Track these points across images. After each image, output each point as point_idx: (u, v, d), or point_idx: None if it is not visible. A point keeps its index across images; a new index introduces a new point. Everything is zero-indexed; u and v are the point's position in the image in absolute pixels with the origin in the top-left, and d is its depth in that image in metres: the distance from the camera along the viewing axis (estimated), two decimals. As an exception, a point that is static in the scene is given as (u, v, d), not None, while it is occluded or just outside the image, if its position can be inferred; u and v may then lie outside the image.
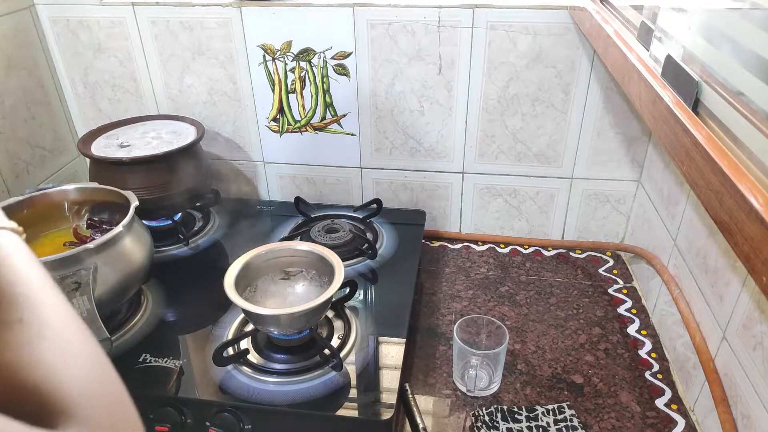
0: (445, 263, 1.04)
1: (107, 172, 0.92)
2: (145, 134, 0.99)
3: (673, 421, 0.72)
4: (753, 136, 0.35)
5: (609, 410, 0.74)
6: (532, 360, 0.82)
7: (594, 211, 1.06)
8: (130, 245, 0.77)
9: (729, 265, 0.67)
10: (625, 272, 1.01)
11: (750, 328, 0.62)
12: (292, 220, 1.06)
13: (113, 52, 1.05)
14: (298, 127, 1.07)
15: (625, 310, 0.91)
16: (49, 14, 1.03)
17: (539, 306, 0.92)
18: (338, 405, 0.68)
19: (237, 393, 0.69)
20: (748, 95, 0.36)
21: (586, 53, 0.91)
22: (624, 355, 0.82)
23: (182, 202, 0.98)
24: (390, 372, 0.73)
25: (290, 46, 0.98)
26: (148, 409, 0.68)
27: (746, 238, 0.31)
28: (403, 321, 0.81)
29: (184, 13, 0.99)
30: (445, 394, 0.77)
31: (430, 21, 0.92)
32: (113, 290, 0.74)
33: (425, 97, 0.99)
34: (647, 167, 0.97)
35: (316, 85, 1.01)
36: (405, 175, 1.08)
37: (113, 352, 0.75)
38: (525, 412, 0.72)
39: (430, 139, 1.03)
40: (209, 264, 0.96)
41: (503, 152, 1.02)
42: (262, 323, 0.73)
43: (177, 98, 1.08)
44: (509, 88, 0.96)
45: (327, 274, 0.77)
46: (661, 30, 0.53)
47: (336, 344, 0.76)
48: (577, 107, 0.96)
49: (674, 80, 0.46)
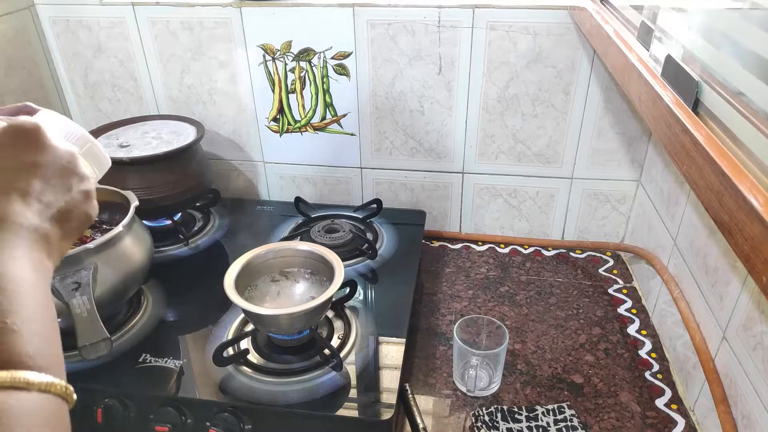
0: (445, 263, 1.04)
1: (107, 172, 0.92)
2: (145, 134, 0.99)
3: (673, 421, 0.72)
4: (753, 136, 0.35)
5: (609, 410, 0.74)
6: (532, 360, 0.82)
7: (594, 211, 1.06)
8: (130, 245, 0.77)
9: (729, 265, 0.67)
10: (625, 272, 1.01)
11: (750, 328, 0.62)
12: (292, 220, 1.06)
13: (113, 52, 1.05)
14: (298, 127, 1.07)
15: (625, 310, 0.91)
16: (49, 14, 1.03)
17: (539, 306, 0.92)
18: (338, 405, 0.68)
19: (237, 393, 0.69)
20: (748, 95, 0.36)
21: (586, 53, 0.91)
22: (624, 355, 0.83)
23: (182, 202, 0.98)
24: (390, 372, 0.73)
25: (290, 46, 0.98)
26: (148, 409, 0.68)
27: (746, 238, 0.31)
28: (403, 321, 0.81)
29: (184, 13, 0.99)
30: (445, 394, 0.77)
31: (430, 21, 0.92)
32: (113, 290, 0.74)
33: (425, 97, 0.99)
34: (647, 167, 0.97)
35: (316, 85, 1.01)
36: (405, 175, 1.08)
37: (113, 352, 0.75)
38: (525, 412, 0.72)
39: (430, 139, 1.03)
40: (209, 264, 0.96)
41: (503, 152, 1.02)
42: (262, 323, 0.73)
43: (177, 98, 1.08)
44: (509, 88, 0.96)
45: (327, 274, 0.77)
46: (661, 30, 0.53)
47: (336, 344, 0.76)
48: (577, 107, 0.96)
49: (674, 80, 0.46)
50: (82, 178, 0.41)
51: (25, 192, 0.36)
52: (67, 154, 0.40)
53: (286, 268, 0.81)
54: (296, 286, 0.80)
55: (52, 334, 0.34)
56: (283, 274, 0.81)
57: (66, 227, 0.39)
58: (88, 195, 0.42)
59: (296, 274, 0.81)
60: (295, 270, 0.81)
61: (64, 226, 0.39)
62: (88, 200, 0.42)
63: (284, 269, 0.81)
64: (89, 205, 0.42)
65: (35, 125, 0.38)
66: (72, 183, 0.40)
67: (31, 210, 0.36)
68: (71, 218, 0.40)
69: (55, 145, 0.39)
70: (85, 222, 0.42)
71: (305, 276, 0.81)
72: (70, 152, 0.41)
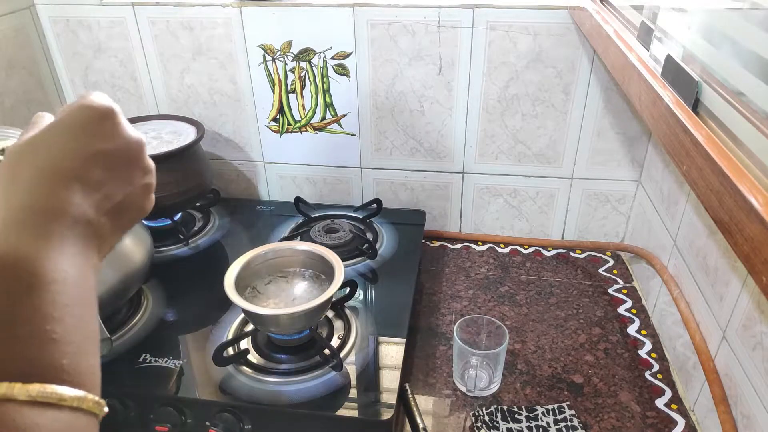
0: (445, 263, 1.04)
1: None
2: (144, 134, 0.99)
3: (673, 421, 0.72)
4: (753, 136, 0.35)
5: (609, 410, 0.74)
6: (532, 360, 0.82)
7: (594, 211, 1.06)
8: (130, 245, 0.77)
9: (729, 265, 0.67)
10: (625, 272, 1.01)
11: (750, 328, 0.62)
12: (292, 220, 1.06)
13: (113, 52, 1.05)
14: (298, 127, 1.07)
15: (625, 310, 0.91)
16: (49, 14, 1.03)
17: (539, 306, 0.92)
18: (338, 405, 0.68)
19: (237, 393, 0.69)
20: (748, 95, 0.36)
21: (586, 53, 0.91)
22: (624, 355, 0.83)
23: (182, 202, 0.98)
24: (390, 372, 0.73)
25: (290, 46, 0.98)
26: (148, 409, 0.68)
27: (746, 238, 0.31)
28: (403, 321, 0.81)
29: (184, 13, 0.99)
30: (445, 394, 0.77)
31: (430, 21, 0.92)
32: (113, 290, 0.74)
33: (425, 97, 0.99)
34: (647, 167, 0.97)
35: (316, 85, 1.01)
36: (405, 175, 1.08)
37: (113, 352, 0.75)
38: (525, 412, 0.72)
39: (430, 139, 1.03)
40: (209, 264, 0.96)
41: (503, 152, 1.02)
42: (262, 323, 0.73)
43: (177, 98, 1.08)
44: (509, 88, 0.96)
45: (327, 274, 0.77)
46: (661, 30, 0.53)
47: (336, 344, 0.76)
48: (577, 107, 0.96)
49: (674, 80, 0.46)
50: (146, 170, 0.38)
51: (87, 181, 0.33)
52: (137, 143, 0.37)
53: (286, 268, 0.81)
54: (296, 286, 0.80)
55: (92, 345, 0.31)
56: (283, 274, 0.81)
57: (120, 221, 0.36)
58: (148, 188, 0.39)
59: (296, 274, 0.81)
60: (295, 270, 0.81)
61: (118, 220, 0.36)
62: (147, 194, 0.39)
63: (284, 269, 0.81)
64: (147, 199, 0.39)
65: (109, 108, 0.35)
66: (135, 175, 0.37)
67: (89, 201, 0.33)
68: (127, 212, 0.37)
69: (127, 131, 0.36)
70: (139, 217, 0.39)
71: (305, 276, 0.81)
72: (139, 141, 0.37)
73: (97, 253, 0.34)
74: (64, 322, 0.28)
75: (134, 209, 0.38)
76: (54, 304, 0.28)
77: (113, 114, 0.35)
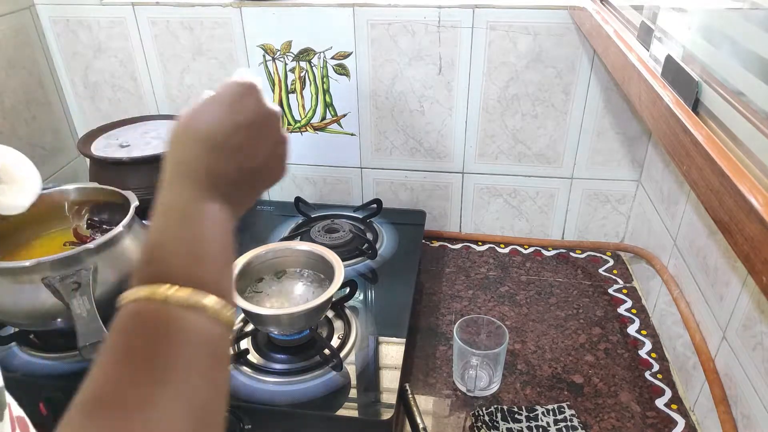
0: (445, 263, 1.04)
1: (107, 172, 0.92)
2: (145, 134, 0.99)
3: (673, 421, 0.72)
4: (753, 136, 0.35)
5: (609, 410, 0.74)
6: (532, 360, 0.82)
7: (594, 211, 1.06)
8: (130, 245, 0.77)
9: (729, 265, 0.67)
10: (625, 272, 1.01)
11: (750, 328, 0.62)
12: (292, 220, 1.06)
13: (113, 52, 1.05)
14: (298, 127, 1.07)
15: (625, 310, 0.91)
16: (49, 14, 1.03)
17: (539, 306, 0.92)
18: (338, 405, 0.68)
19: (237, 393, 0.69)
20: (748, 95, 0.36)
21: (586, 53, 0.91)
22: (624, 355, 0.82)
23: (182, 202, 0.98)
24: (390, 372, 0.73)
25: (290, 46, 0.98)
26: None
27: (746, 238, 0.31)
28: (403, 321, 0.81)
29: (184, 13, 0.99)
30: (445, 394, 0.77)
31: (430, 21, 0.92)
32: (113, 290, 0.74)
33: (425, 97, 0.99)
34: (647, 167, 0.97)
35: (316, 85, 1.01)
36: (405, 175, 1.08)
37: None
38: (525, 412, 0.72)
39: (430, 139, 1.03)
40: (209, 264, 0.96)
41: (503, 152, 1.02)
42: (262, 323, 0.73)
43: (177, 98, 1.08)
44: (509, 88, 0.96)
45: (327, 274, 0.77)
46: (661, 30, 0.53)
47: (336, 344, 0.76)
48: (577, 107, 0.96)
49: (674, 80, 0.46)
50: (281, 140, 0.43)
51: (232, 147, 0.38)
52: (274, 115, 0.42)
53: (286, 268, 0.81)
54: (296, 286, 0.80)
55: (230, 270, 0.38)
56: (283, 274, 0.81)
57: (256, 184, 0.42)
58: (282, 157, 0.44)
59: (296, 274, 0.81)
60: (295, 270, 0.81)
61: (255, 183, 0.41)
62: (280, 161, 0.44)
63: (284, 269, 0.81)
64: (281, 166, 0.44)
65: (251, 83, 0.41)
66: (271, 143, 0.42)
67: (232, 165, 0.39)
68: (263, 176, 0.42)
69: (265, 106, 0.41)
70: (273, 182, 0.44)
71: (305, 276, 0.81)
72: (275, 113, 0.42)
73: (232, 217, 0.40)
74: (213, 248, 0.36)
75: (269, 174, 0.43)
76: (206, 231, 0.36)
77: (254, 90, 0.41)
